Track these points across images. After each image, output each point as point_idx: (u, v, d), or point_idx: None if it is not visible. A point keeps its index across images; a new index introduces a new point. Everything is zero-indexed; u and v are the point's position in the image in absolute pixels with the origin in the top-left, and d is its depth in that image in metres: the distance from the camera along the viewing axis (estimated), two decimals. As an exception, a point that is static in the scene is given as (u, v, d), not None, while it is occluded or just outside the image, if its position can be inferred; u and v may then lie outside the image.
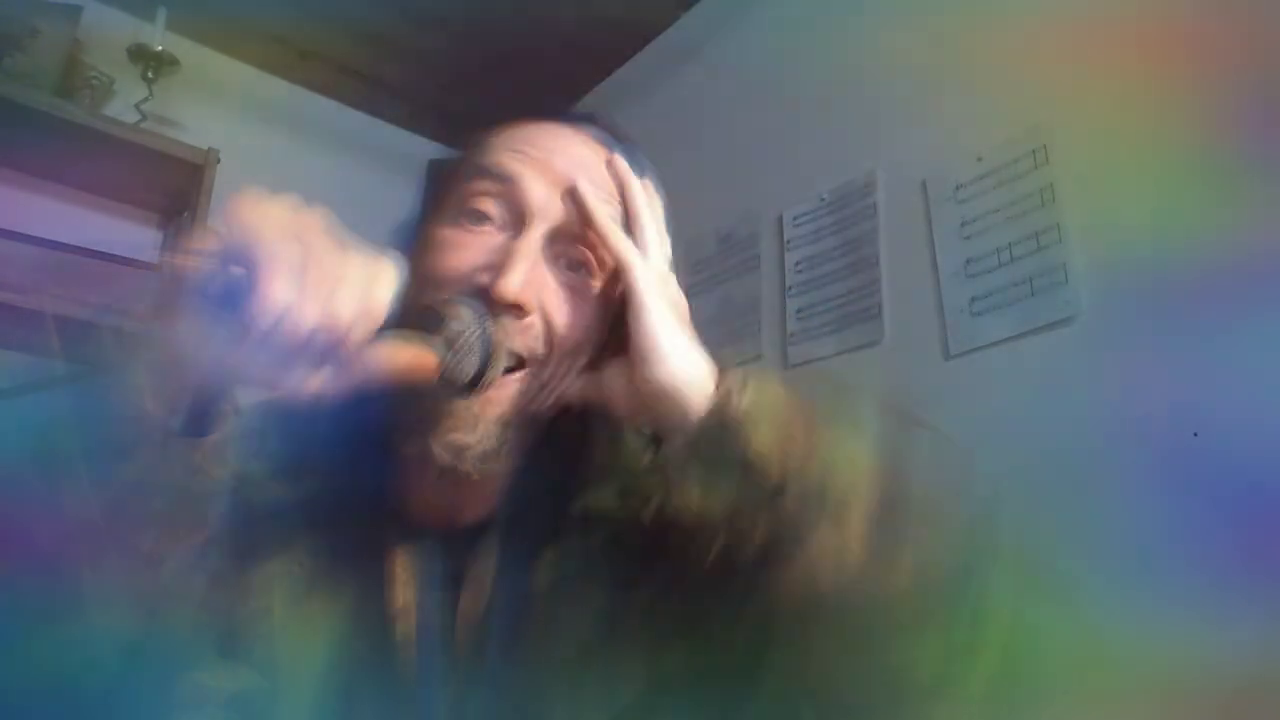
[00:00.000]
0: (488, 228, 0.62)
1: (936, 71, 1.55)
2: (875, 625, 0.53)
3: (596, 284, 0.63)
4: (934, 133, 1.55)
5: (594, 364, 0.64)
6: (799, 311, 1.71)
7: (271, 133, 2.32)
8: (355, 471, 0.63)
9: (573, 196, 0.62)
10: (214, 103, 2.19)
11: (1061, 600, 0.56)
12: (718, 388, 0.57)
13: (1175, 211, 1.17)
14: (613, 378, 0.62)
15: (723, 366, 0.60)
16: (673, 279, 0.65)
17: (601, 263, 0.63)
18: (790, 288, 1.75)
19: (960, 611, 0.53)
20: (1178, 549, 1.02)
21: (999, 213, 1.41)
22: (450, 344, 0.53)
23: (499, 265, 0.59)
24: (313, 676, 0.59)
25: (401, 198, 0.71)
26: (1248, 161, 1.11)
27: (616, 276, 0.63)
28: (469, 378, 0.55)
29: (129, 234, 2.06)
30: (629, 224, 0.64)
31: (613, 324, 0.63)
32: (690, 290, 0.68)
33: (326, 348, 0.47)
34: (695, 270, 1.96)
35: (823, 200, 1.73)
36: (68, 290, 1.66)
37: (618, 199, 0.65)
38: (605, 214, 0.62)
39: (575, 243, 0.63)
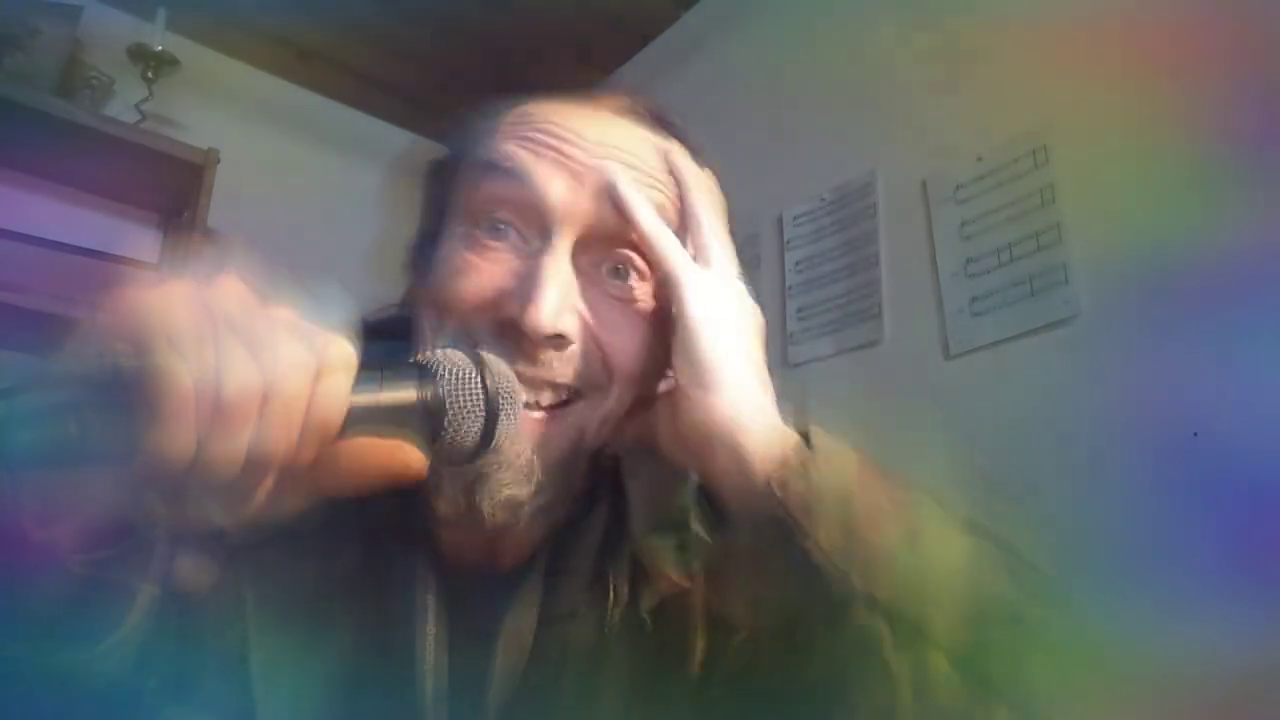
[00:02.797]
0: (507, 242, 0.52)
1: (936, 71, 1.54)
2: None
3: (648, 290, 0.53)
4: (934, 133, 1.54)
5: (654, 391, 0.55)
6: (799, 311, 1.71)
7: (271, 133, 2.32)
8: (381, 517, 0.54)
9: (610, 194, 0.51)
10: (214, 103, 2.19)
11: (1060, 600, 0.54)
12: (769, 476, 0.46)
13: (1175, 211, 1.17)
14: (659, 414, 0.53)
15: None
16: (741, 291, 0.54)
17: (652, 264, 0.53)
18: (790, 288, 1.75)
19: None
20: (1177, 549, 1.02)
21: (999, 213, 1.41)
22: (442, 405, 0.43)
23: (524, 291, 0.49)
24: None
25: (401, 198, 0.68)
26: (1248, 162, 1.11)
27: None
28: (474, 441, 0.44)
29: (129, 234, 2.06)
30: (683, 222, 0.54)
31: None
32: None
33: (264, 481, 0.36)
34: (695, 270, 1.95)
35: (823, 200, 1.73)
36: (68, 290, 1.66)
37: (662, 184, 0.55)
38: (649, 210, 0.51)
39: (615, 244, 0.52)
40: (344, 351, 0.38)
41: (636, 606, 0.54)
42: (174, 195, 2.01)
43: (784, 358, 1.71)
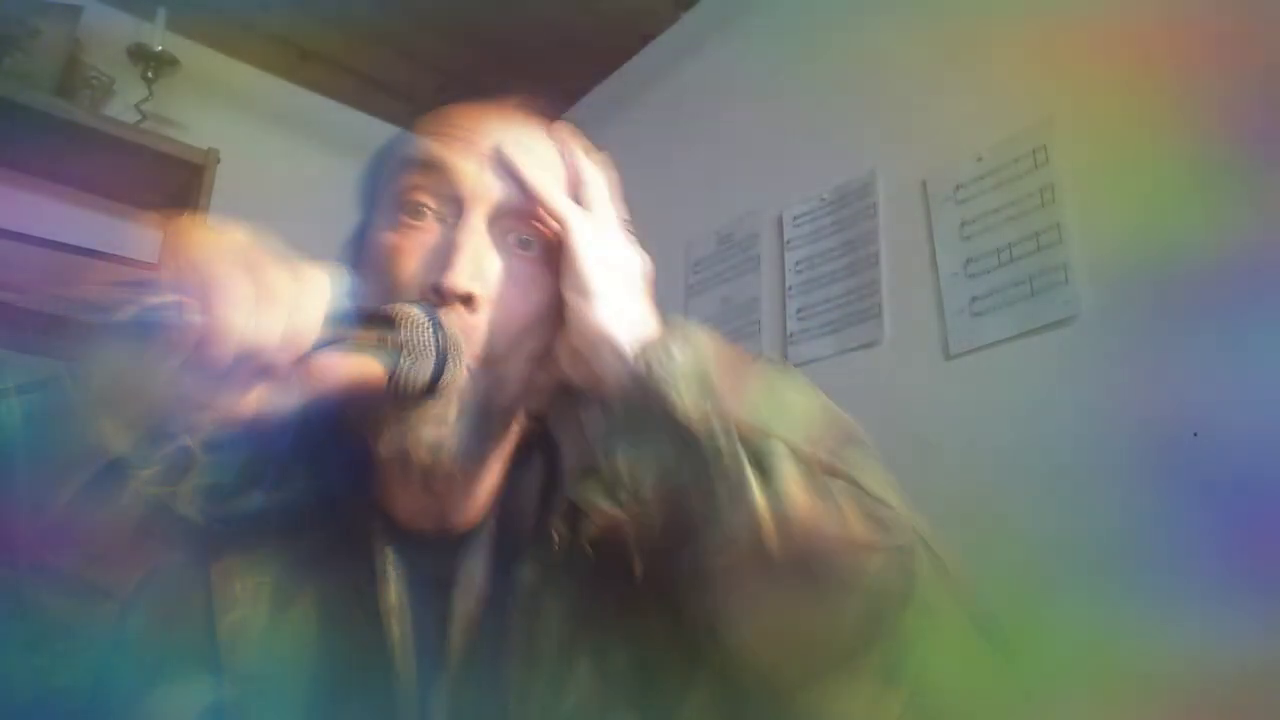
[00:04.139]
0: (426, 222, 0.60)
1: (936, 71, 1.54)
2: (801, 595, 0.50)
3: (550, 259, 0.61)
4: (934, 133, 1.54)
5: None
6: (799, 311, 1.71)
7: (271, 133, 2.32)
8: (335, 474, 0.61)
9: (501, 163, 0.59)
10: (214, 103, 2.19)
11: (1060, 599, 0.54)
12: (641, 350, 0.54)
13: (1175, 211, 1.17)
14: (560, 342, 0.60)
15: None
16: (622, 239, 0.62)
17: (552, 234, 0.61)
18: (790, 288, 1.75)
19: (881, 640, 0.50)
20: (1177, 549, 1.02)
21: (999, 213, 1.41)
22: (401, 349, 0.51)
23: (443, 260, 0.57)
24: (299, 680, 0.57)
25: None
26: (1248, 161, 1.11)
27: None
28: (425, 381, 0.52)
29: (129, 234, 2.06)
30: (573, 186, 0.62)
31: None
32: (690, 290, 0.67)
33: (258, 367, 0.45)
34: (695, 270, 1.96)
35: (823, 200, 1.73)
36: (68, 290, 1.66)
37: (554, 168, 0.62)
38: (537, 172, 0.60)
39: (519, 218, 0.60)
40: (320, 276, 0.48)
41: (577, 545, 0.61)
42: (174, 195, 2.01)
43: (784, 358, 1.71)
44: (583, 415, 0.63)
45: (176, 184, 1.97)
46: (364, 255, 0.63)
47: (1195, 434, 1.08)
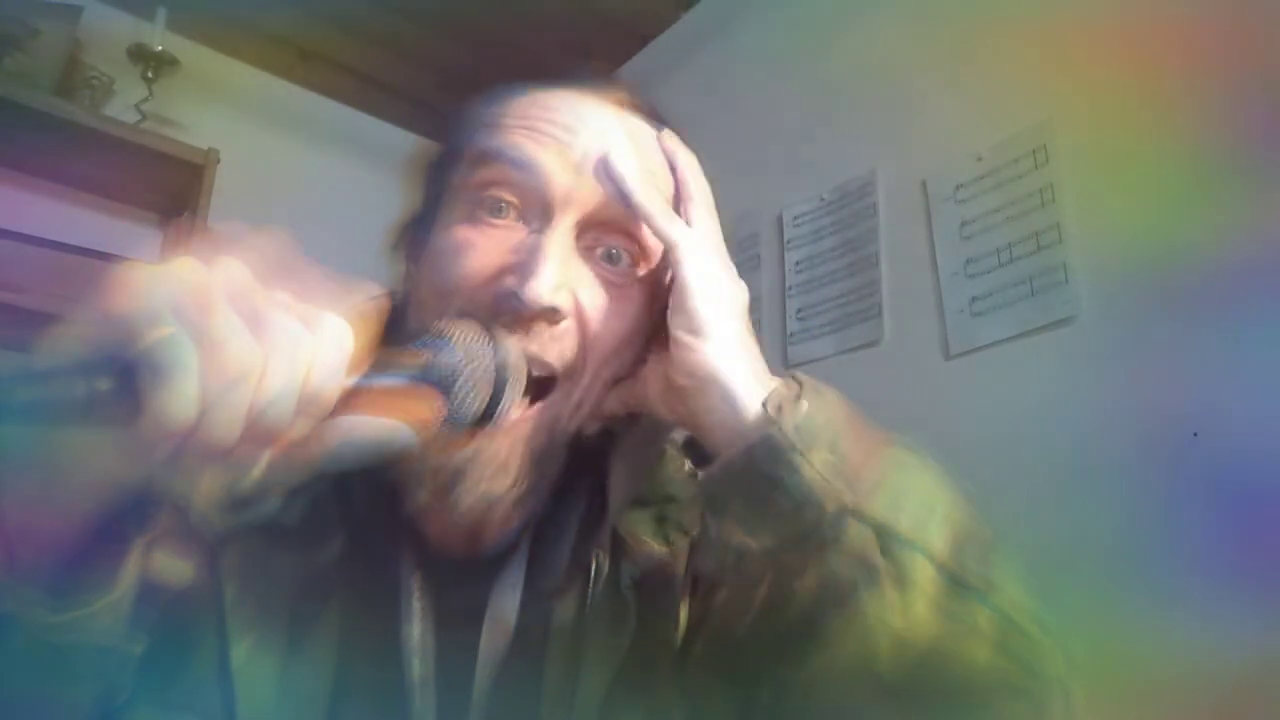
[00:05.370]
0: (508, 220, 0.54)
1: (936, 71, 1.54)
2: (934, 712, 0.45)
3: (639, 276, 0.55)
4: (934, 133, 1.54)
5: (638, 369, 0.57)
6: (799, 311, 1.71)
7: (271, 133, 2.32)
8: (361, 483, 0.56)
9: (606, 172, 0.53)
10: (214, 103, 2.19)
11: (1060, 600, 0.54)
12: (765, 401, 0.48)
13: (1175, 211, 1.17)
14: (650, 372, 0.55)
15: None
16: (727, 263, 0.56)
17: (644, 250, 0.55)
18: (790, 288, 1.75)
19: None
20: (1177, 549, 1.02)
21: (999, 213, 1.41)
22: (450, 379, 0.44)
23: (525, 266, 0.51)
24: (311, 716, 0.52)
25: (401, 199, 0.69)
26: (1248, 162, 1.11)
27: (663, 264, 0.54)
28: (480, 409, 0.45)
29: (129, 234, 2.06)
30: (677, 200, 0.56)
31: (660, 319, 0.55)
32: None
33: (260, 450, 0.37)
34: (695, 270, 1.95)
35: (823, 200, 1.73)
36: (68, 290, 1.66)
37: (660, 174, 0.57)
38: (644, 189, 0.54)
39: (611, 230, 0.54)
40: (339, 330, 0.38)
41: (618, 581, 0.56)
42: (174, 195, 2.01)
43: (784, 358, 1.70)
44: (647, 449, 0.59)
45: (176, 184, 1.97)
46: (425, 249, 0.57)
47: (1195, 434, 1.08)
